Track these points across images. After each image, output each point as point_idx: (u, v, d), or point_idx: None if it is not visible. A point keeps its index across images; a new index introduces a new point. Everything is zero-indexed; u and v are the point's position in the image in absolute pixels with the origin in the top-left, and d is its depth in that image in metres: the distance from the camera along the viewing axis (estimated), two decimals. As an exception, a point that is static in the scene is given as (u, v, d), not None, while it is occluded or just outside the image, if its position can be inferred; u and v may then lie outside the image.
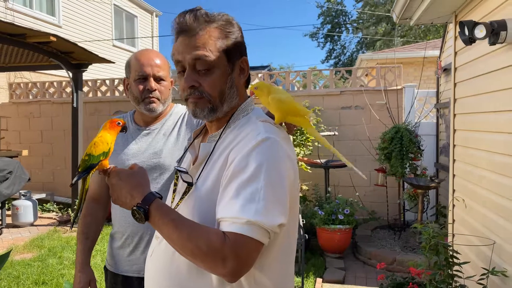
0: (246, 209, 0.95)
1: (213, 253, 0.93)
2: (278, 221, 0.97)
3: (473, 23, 2.12)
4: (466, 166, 2.97)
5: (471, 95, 2.85)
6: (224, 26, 1.10)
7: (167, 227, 0.99)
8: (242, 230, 0.94)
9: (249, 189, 0.96)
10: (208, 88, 1.08)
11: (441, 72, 5.71)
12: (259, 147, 1.00)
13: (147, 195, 1.03)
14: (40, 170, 7.59)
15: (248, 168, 0.98)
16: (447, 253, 2.29)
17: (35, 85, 7.69)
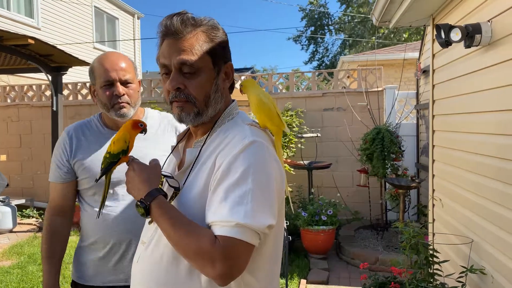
0: (235, 212, 0.96)
1: (202, 255, 0.95)
2: (267, 223, 0.98)
3: (448, 26, 2.17)
4: (445, 166, 3.03)
5: (449, 96, 2.91)
6: (210, 30, 1.11)
7: (165, 224, 1.02)
8: (231, 233, 0.95)
9: (238, 192, 0.98)
10: (193, 91, 1.09)
11: (421, 73, 5.82)
12: (246, 150, 1.02)
13: (152, 191, 1.06)
14: (19, 175, 7.43)
15: (236, 171, 0.99)
16: (427, 252, 2.33)
17: (13, 88, 7.53)
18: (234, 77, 1.20)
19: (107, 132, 1.68)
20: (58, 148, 1.67)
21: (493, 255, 2.20)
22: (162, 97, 6.97)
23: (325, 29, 27.79)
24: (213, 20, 1.14)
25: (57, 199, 1.64)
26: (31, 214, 6.87)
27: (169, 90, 1.11)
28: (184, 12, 1.11)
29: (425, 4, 2.94)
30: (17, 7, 9.47)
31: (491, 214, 2.23)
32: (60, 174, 1.64)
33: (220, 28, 1.15)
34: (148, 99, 6.88)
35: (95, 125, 1.70)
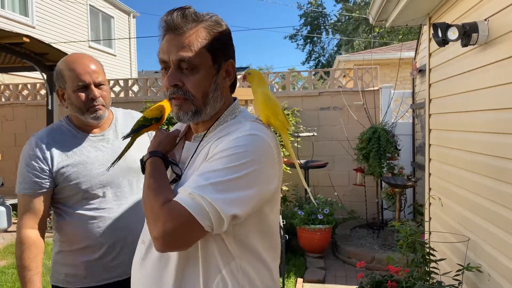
0: (196, 184, 0.96)
1: (151, 213, 0.98)
2: (227, 207, 0.95)
3: (446, 25, 2.17)
4: (441, 165, 3.04)
5: (445, 95, 2.92)
6: (212, 26, 1.09)
7: (145, 181, 1.07)
8: (182, 200, 0.95)
9: (212, 168, 0.98)
10: (191, 88, 1.07)
11: (417, 73, 5.83)
12: (241, 139, 1.01)
13: (154, 151, 1.13)
14: (13, 175, 7.33)
15: (222, 153, 1.00)
16: (424, 251, 2.34)
17: (8, 87, 7.48)
18: (236, 75, 1.18)
19: (82, 135, 1.66)
20: (32, 157, 1.58)
21: (489, 253, 2.21)
22: (158, 96, 6.95)
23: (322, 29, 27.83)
24: (217, 16, 1.12)
25: (37, 210, 1.57)
26: (26, 214, 6.82)
27: (166, 87, 1.10)
28: (187, 7, 1.09)
29: (422, 3, 2.94)
30: (12, 5, 9.40)
31: (487, 212, 2.24)
32: (41, 184, 1.57)
33: (224, 24, 1.12)
34: (144, 98, 6.85)
35: (66, 129, 1.67)
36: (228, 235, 1.03)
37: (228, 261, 1.04)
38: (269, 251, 1.12)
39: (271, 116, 1.13)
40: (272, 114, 1.13)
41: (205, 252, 1.04)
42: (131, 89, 7.10)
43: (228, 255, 1.04)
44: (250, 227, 1.05)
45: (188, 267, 1.05)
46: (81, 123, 1.66)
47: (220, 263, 1.03)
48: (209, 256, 1.04)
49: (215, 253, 1.03)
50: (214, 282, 1.03)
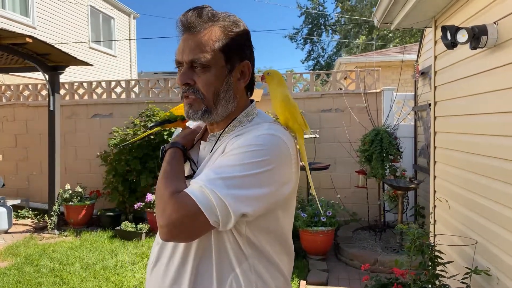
0: (207, 177, 0.96)
1: (160, 200, 0.98)
2: (237, 204, 0.94)
3: (455, 28, 2.17)
4: (447, 168, 3.03)
5: (452, 98, 2.92)
6: (228, 26, 1.08)
7: (162, 170, 1.08)
8: (191, 192, 0.96)
9: (225, 163, 0.98)
10: (201, 87, 1.07)
11: (419, 75, 5.84)
12: (259, 137, 1.01)
13: (175, 142, 1.15)
14: (14, 176, 7.36)
15: (238, 149, 1.00)
16: (431, 253, 2.33)
17: (9, 87, 7.46)
18: (253, 77, 1.16)
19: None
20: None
21: (498, 256, 2.20)
22: (159, 97, 6.94)
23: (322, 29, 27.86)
24: (234, 16, 1.12)
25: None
26: (27, 215, 6.80)
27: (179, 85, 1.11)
28: (205, 6, 1.09)
29: (428, 6, 2.94)
30: (12, 6, 9.38)
31: (495, 215, 2.24)
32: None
33: (241, 25, 1.12)
34: (145, 99, 6.84)
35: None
36: (242, 235, 1.03)
37: (241, 261, 1.04)
38: (282, 255, 1.11)
39: (290, 119, 1.13)
40: (291, 116, 1.13)
41: (219, 252, 1.04)
42: (132, 90, 7.09)
43: (241, 255, 1.04)
44: (262, 230, 1.05)
45: (202, 265, 1.05)
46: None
47: (233, 262, 1.03)
48: (223, 255, 1.04)
49: (229, 252, 1.04)
50: (227, 281, 1.03)
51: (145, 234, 5.55)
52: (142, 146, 6.12)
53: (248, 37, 1.14)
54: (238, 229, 1.02)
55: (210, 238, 1.03)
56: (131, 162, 6.10)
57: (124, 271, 4.37)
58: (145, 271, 4.37)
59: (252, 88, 1.18)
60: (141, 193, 6.22)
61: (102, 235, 5.66)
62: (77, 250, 5.04)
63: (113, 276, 4.23)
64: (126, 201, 6.30)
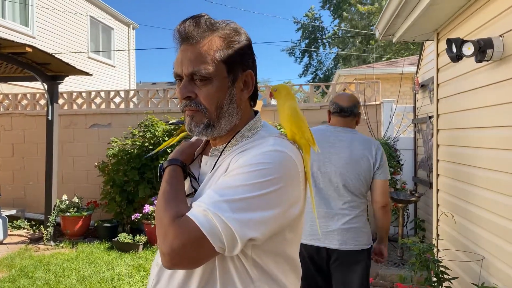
0: (212, 198, 0.89)
1: (161, 225, 0.92)
2: (244, 229, 0.87)
3: (460, 41, 2.16)
4: (450, 181, 3.00)
5: (455, 111, 2.90)
6: (229, 35, 1.03)
7: (161, 189, 1.01)
8: (194, 216, 0.88)
9: (230, 184, 0.91)
10: (203, 100, 1.01)
11: (419, 88, 5.84)
12: (265, 154, 0.95)
13: (174, 159, 1.08)
14: (10, 185, 7.28)
15: (243, 168, 0.93)
16: (437, 269, 2.29)
17: (7, 97, 7.42)
18: (256, 87, 1.11)
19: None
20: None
21: (504, 271, 2.16)
22: (158, 108, 6.91)
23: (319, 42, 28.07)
24: (234, 24, 1.06)
25: None
26: (22, 225, 6.71)
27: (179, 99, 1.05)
28: (202, 15, 1.04)
29: (431, 19, 2.95)
30: (12, 15, 9.39)
31: (502, 230, 2.20)
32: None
33: (242, 32, 1.06)
34: (145, 110, 6.81)
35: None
36: (247, 258, 0.97)
37: (247, 284, 0.97)
38: (289, 273, 1.06)
39: (297, 133, 1.08)
40: (298, 130, 1.08)
41: (223, 275, 0.97)
42: (131, 100, 7.06)
43: (247, 279, 0.97)
44: (268, 252, 0.99)
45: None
46: None
47: (239, 286, 0.97)
48: (227, 279, 0.97)
49: (234, 276, 0.97)
50: None
51: (142, 246, 5.48)
52: (140, 157, 6.07)
53: (250, 45, 1.08)
54: (243, 252, 0.95)
55: (214, 261, 0.97)
56: (129, 172, 6.05)
57: (121, 284, 4.29)
58: (143, 284, 4.29)
59: (255, 98, 1.13)
60: (139, 204, 6.15)
61: (99, 247, 5.58)
62: (73, 262, 4.95)
63: (110, 289, 4.15)
64: (123, 212, 6.23)
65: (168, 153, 5.93)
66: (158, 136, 6.03)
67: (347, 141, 2.35)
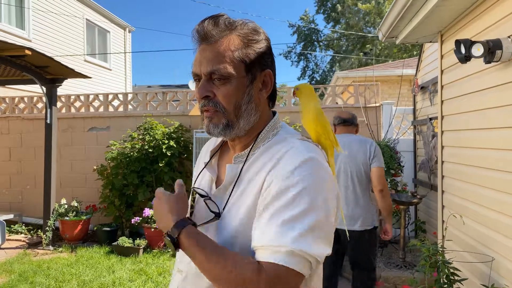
0: (286, 236, 0.86)
1: (247, 285, 0.85)
2: (321, 251, 0.89)
3: (470, 42, 2.16)
4: (456, 182, 3.00)
5: (460, 112, 2.90)
6: (247, 34, 1.02)
7: (199, 255, 0.92)
8: (280, 260, 0.86)
9: (290, 213, 0.88)
10: (222, 100, 1.00)
11: (418, 89, 5.86)
12: (301, 168, 0.93)
13: (179, 222, 0.97)
14: (7, 190, 7.20)
15: (289, 191, 0.90)
16: (448, 271, 2.28)
17: (3, 100, 7.35)
18: (275, 87, 1.10)
19: None
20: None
21: (515, 273, 2.16)
22: (157, 110, 6.88)
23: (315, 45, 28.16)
24: (253, 23, 1.05)
25: None
26: (20, 230, 6.63)
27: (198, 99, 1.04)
28: (221, 14, 1.03)
29: (436, 21, 2.95)
30: (8, 18, 9.33)
31: (509, 230, 2.20)
32: None
33: (261, 32, 1.05)
34: (143, 113, 6.77)
35: None
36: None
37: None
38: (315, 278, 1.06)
39: (322, 134, 1.08)
40: (324, 131, 1.08)
41: None
42: (130, 103, 7.02)
43: None
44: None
45: None
46: None
47: None
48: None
49: None
50: None
51: (142, 250, 5.43)
52: (139, 160, 6.03)
53: (269, 44, 1.08)
54: None
55: None
56: (128, 176, 6.00)
57: (123, 289, 4.24)
58: (144, 289, 4.26)
59: (274, 98, 1.11)
60: (138, 207, 6.11)
61: (99, 251, 5.53)
62: (73, 267, 4.90)
63: (112, 293, 4.11)
64: (122, 215, 6.18)
65: (166, 156, 5.91)
66: (158, 139, 5.99)
67: (347, 141, 3.01)
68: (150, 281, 4.46)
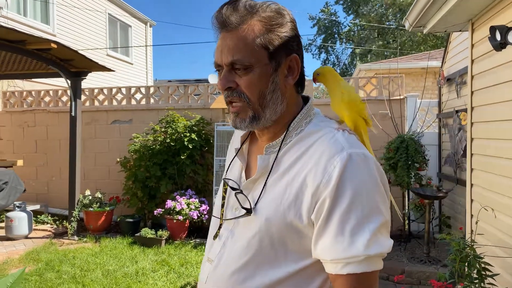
0: (358, 245, 0.84)
1: None
2: (389, 243, 0.88)
3: (506, 28, 2.07)
4: (487, 175, 2.91)
5: (492, 102, 2.81)
6: (270, 18, 0.95)
7: None
8: (362, 268, 0.85)
9: (353, 220, 0.85)
10: (245, 89, 0.95)
11: (444, 81, 5.71)
12: (348, 168, 0.88)
13: None
14: (34, 181, 7.38)
15: (344, 196, 0.86)
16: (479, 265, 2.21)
17: (30, 93, 7.51)
18: (303, 71, 1.02)
19: None
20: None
21: (551, 269, 2.08)
22: (179, 104, 6.91)
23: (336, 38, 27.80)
24: (276, 4, 0.97)
25: None
26: (46, 220, 6.80)
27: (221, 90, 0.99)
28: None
29: (467, 8, 2.85)
30: (34, 14, 9.51)
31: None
32: None
33: (286, 14, 0.98)
34: (165, 106, 6.82)
35: None
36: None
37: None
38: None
39: (358, 118, 1.03)
40: (358, 114, 1.03)
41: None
42: (152, 97, 7.08)
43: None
44: None
45: (258, 279, 0.95)
46: None
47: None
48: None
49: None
50: None
51: (164, 241, 5.49)
52: (162, 152, 6.09)
53: (294, 26, 1.00)
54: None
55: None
56: (150, 168, 6.06)
57: (146, 279, 4.30)
58: (167, 279, 4.30)
59: (303, 84, 1.05)
60: (161, 199, 6.17)
61: (122, 242, 5.61)
62: (97, 257, 4.99)
63: (135, 284, 4.17)
64: (145, 207, 6.26)
65: (188, 148, 5.93)
66: (179, 131, 6.03)
67: None
68: (173, 271, 4.51)
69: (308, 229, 0.92)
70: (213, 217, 1.12)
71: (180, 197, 5.73)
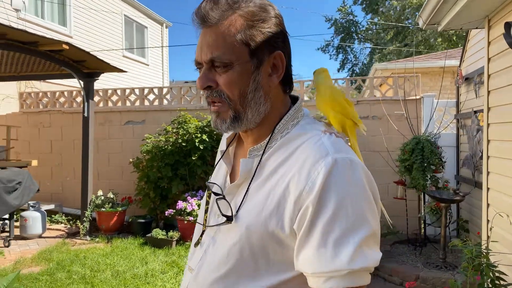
0: (341, 258, 0.77)
1: None
2: (377, 256, 0.80)
3: (522, 24, 1.96)
4: (503, 179, 2.78)
5: (509, 103, 2.67)
6: (252, 13, 0.89)
7: None
8: (345, 283, 0.78)
9: (337, 231, 0.78)
10: (225, 88, 0.89)
11: (462, 81, 5.53)
12: (333, 175, 0.81)
13: None
14: (49, 181, 7.47)
15: (328, 206, 0.79)
16: (492, 274, 2.09)
17: (45, 94, 7.62)
18: (288, 69, 0.95)
19: None
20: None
21: None
22: (191, 104, 6.90)
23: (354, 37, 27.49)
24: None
25: None
26: (60, 220, 6.87)
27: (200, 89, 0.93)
28: None
29: (483, 3, 2.72)
30: (51, 16, 9.66)
31: None
32: None
33: (270, 9, 0.92)
34: (178, 107, 6.82)
35: None
36: None
37: None
38: None
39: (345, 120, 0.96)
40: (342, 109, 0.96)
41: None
42: (165, 97, 7.09)
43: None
44: None
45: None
46: None
47: None
48: None
49: None
50: None
51: (175, 242, 5.47)
52: (173, 153, 6.07)
53: (279, 22, 0.93)
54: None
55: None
56: (162, 169, 6.06)
57: (155, 280, 4.27)
58: (176, 281, 4.27)
59: (290, 82, 0.98)
60: (172, 200, 6.16)
61: (133, 242, 5.62)
62: (108, 257, 5.00)
63: (144, 285, 4.15)
64: (157, 207, 6.26)
65: (199, 149, 5.91)
66: (191, 132, 6.00)
67: None
68: (182, 273, 4.47)
69: (290, 239, 0.85)
70: (197, 223, 1.07)
71: (191, 198, 5.71)
